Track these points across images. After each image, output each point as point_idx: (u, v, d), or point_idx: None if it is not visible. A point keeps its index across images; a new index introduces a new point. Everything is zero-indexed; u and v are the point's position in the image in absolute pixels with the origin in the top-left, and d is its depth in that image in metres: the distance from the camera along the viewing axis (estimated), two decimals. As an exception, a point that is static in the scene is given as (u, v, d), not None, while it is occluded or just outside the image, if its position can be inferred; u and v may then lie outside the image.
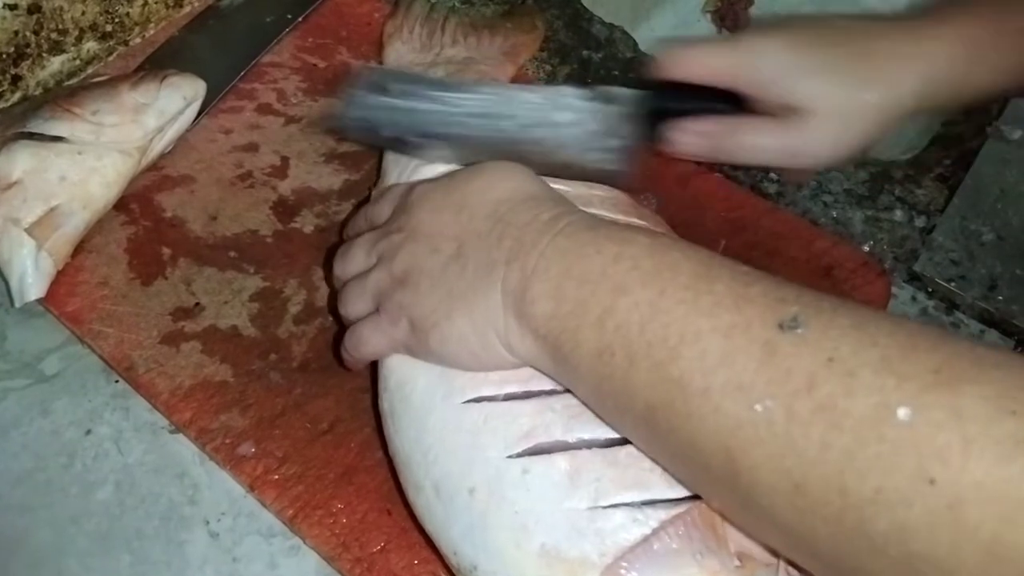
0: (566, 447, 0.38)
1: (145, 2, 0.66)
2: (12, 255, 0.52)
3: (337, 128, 0.49)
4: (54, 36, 0.62)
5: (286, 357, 0.52)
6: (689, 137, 0.48)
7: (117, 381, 0.52)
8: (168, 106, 0.58)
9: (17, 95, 0.62)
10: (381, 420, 0.46)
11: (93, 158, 0.55)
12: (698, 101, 0.48)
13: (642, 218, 0.48)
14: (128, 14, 0.66)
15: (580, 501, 0.37)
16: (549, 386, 0.40)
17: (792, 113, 0.46)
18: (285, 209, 0.59)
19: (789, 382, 0.30)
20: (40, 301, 0.53)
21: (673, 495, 0.36)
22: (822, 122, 0.46)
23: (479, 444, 0.39)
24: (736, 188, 0.61)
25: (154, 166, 0.60)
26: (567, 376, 0.38)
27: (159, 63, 0.64)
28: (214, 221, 0.58)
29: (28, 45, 0.61)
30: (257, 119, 0.63)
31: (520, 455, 0.39)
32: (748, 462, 0.30)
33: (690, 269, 0.35)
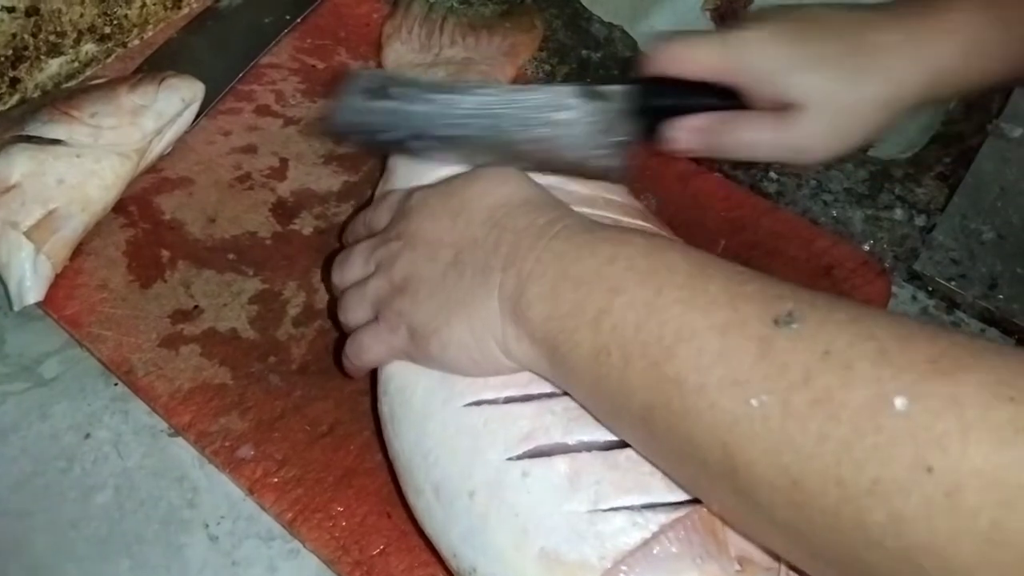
0: (566, 449, 0.38)
1: (143, 4, 0.66)
2: (10, 258, 0.52)
3: (333, 132, 0.49)
4: (52, 38, 0.62)
5: (285, 359, 0.52)
6: (684, 134, 0.48)
7: (116, 384, 0.52)
8: (166, 108, 0.58)
9: (15, 98, 0.62)
10: (381, 424, 0.46)
11: (91, 161, 0.55)
12: (693, 97, 0.48)
13: (643, 219, 0.48)
14: (126, 16, 0.66)
15: (580, 504, 0.37)
16: (548, 389, 0.40)
17: (787, 108, 0.45)
18: (284, 211, 0.59)
19: (785, 376, 0.30)
20: (39, 304, 0.53)
21: (673, 499, 0.36)
22: (818, 117, 0.45)
23: (479, 447, 0.39)
24: (735, 187, 0.61)
25: (152, 168, 0.60)
26: (564, 378, 0.38)
27: (157, 65, 0.64)
28: (213, 223, 0.58)
29: (26, 47, 0.61)
30: (256, 121, 0.63)
31: (520, 457, 0.38)
32: (745, 458, 0.30)
33: (685, 269, 0.35)
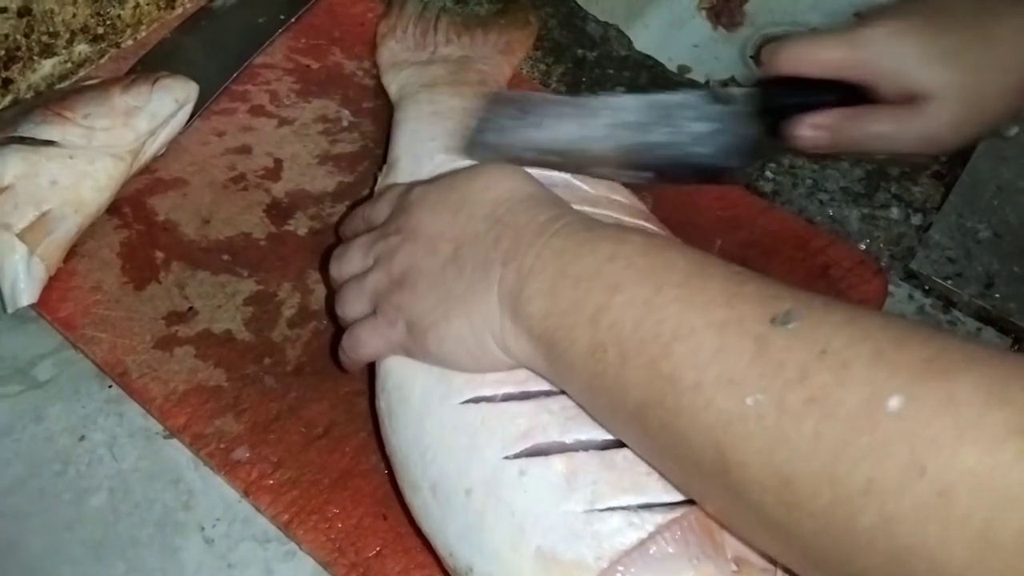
0: (563, 449, 0.38)
1: (137, 4, 0.66)
2: (4, 260, 0.52)
3: (478, 153, 0.50)
4: (45, 39, 0.62)
5: (280, 361, 0.52)
6: (811, 131, 0.48)
7: (111, 386, 0.51)
8: (160, 109, 0.58)
9: (8, 99, 0.61)
10: (378, 421, 0.45)
11: (85, 162, 0.54)
12: (814, 95, 0.48)
13: (647, 220, 0.48)
14: (119, 16, 0.65)
15: (577, 504, 0.37)
16: (546, 387, 0.40)
17: (914, 100, 0.46)
18: (279, 212, 0.59)
19: (781, 375, 0.30)
20: (32, 306, 0.53)
21: (670, 499, 0.36)
22: (947, 107, 0.45)
23: (476, 445, 0.39)
24: (731, 187, 0.61)
25: (146, 169, 0.59)
26: (561, 376, 0.38)
27: (151, 65, 0.64)
28: (207, 224, 0.57)
29: (19, 48, 0.61)
30: (250, 121, 0.63)
31: (517, 456, 0.38)
32: (738, 457, 0.30)
33: (684, 267, 0.35)
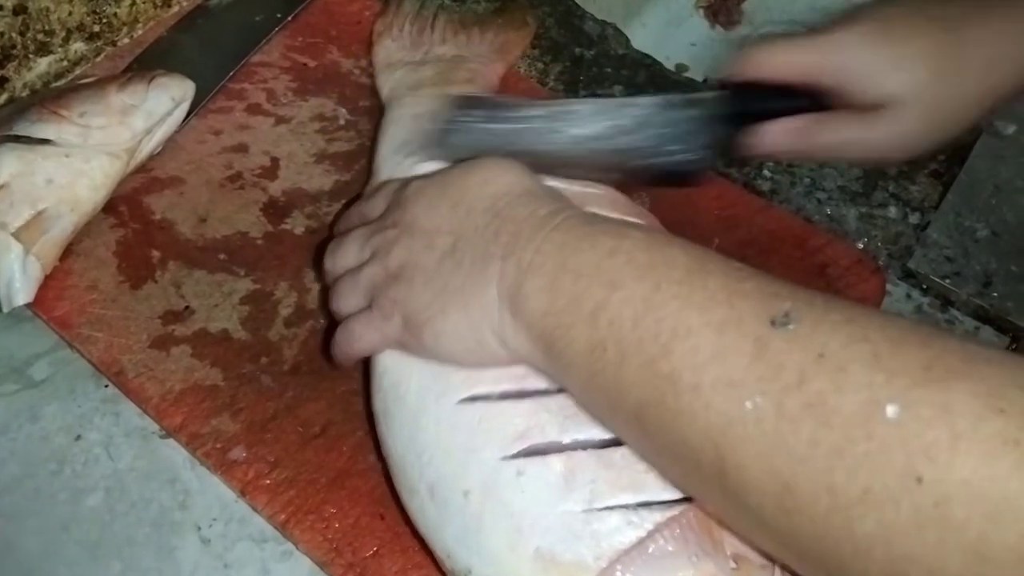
0: (561, 448, 0.38)
1: (133, 2, 0.66)
2: (-1, 260, 0.52)
3: (439, 154, 0.50)
4: (40, 37, 0.62)
5: (277, 360, 0.52)
6: (778, 136, 0.48)
7: (107, 386, 0.51)
8: (156, 107, 0.58)
9: (3, 97, 0.61)
10: (374, 421, 0.45)
11: (81, 161, 0.54)
12: (779, 100, 0.48)
13: (638, 216, 0.48)
14: (116, 14, 0.65)
15: (575, 503, 0.37)
16: (544, 385, 0.40)
17: (880, 107, 0.45)
18: (275, 210, 0.58)
19: (779, 378, 0.30)
20: (28, 306, 0.53)
21: (668, 497, 0.36)
22: (913, 114, 0.45)
23: (474, 445, 0.39)
24: (729, 186, 0.61)
25: (143, 168, 0.59)
26: (559, 373, 0.38)
27: (147, 64, 0.63)
28: (204, 223, 0.57)
29: (14, 46, 0.60)
30: (247, 119, 0.63)
31: (515, 456, 0.38)
32: (737, 460, 0.30)
33: (684, 264, 0.35)
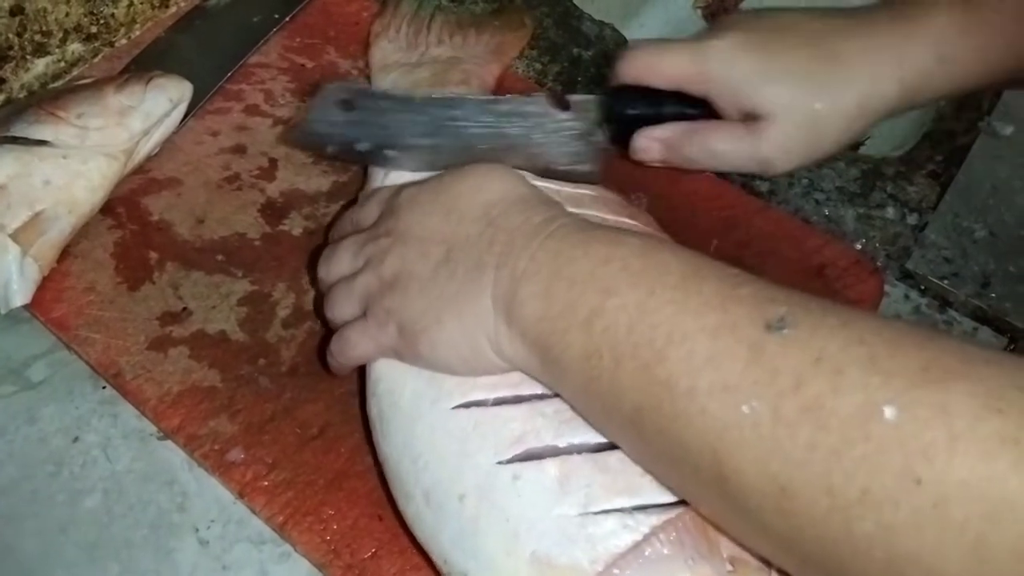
0: (556, 452, 0.38)
1: (130, 3, 0.66)
2: (-4, 261, 0.52)
3: (306, 143, 0.50)
4: (38, 38, 0.62)
5: (275, 361, 0.52)
6: (649, 143, 0.48)
7: (104, 387, 0.51)
8: (154, 108, 0.57)
9: (0, 98, 0.61)
10: (369, 426, 0.45)
11: (78, 162, 0.54)
12: (664, 105, 0.47)
13: (633, 217, 0.48)
14: (113, 15, 0.65)
15: (571, 507, 0.37)
16: (539, 390, 0.40)
17: (755, 118, 0.45)
18: (273, 212, 0.58)
19: (776, 382, 0.30)
20: (26, 307, 0.53)
21: (664, 500, 0.36)
22: (785, 128, 0.44)
23: (469, 450, 0.39)
24: (727, 187, 0.61)
25: (140, 169, 0.59)
26: (555, 379, 0.38)
27: (145, 64, 0.63)
28: (201, 224, 0.57)
29: (11, 47, 0.60)
30: (244, 120, 0.63)
31: (510, 461, 0.38)
32: (734, 465, 0.30)
33: (679, 270, 0.35)
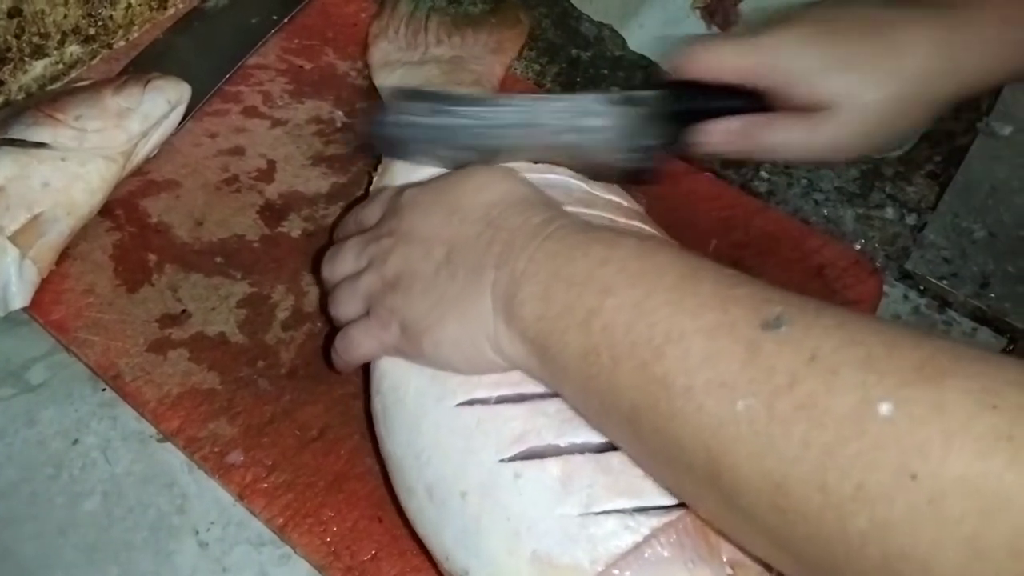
0: (558, 451, 0.38)
1: (128, 4, 0.66)
2: (-5, 263, 0.52)
3: (372, 146, 0.50)
4: (36, 40, 0.61)
5: (274, 364, 0.52)
6: (715, 137, 0.48)
7: (104, 390, 0.51)
8: (152, 110, 0.57)
9: (-1, 100, 0.61)
10: (373, 423, 0.45)
11: (76, 164, 0.54)
12: (721, 100, 0.48)
13: (643, 221, 0.48)
14: (111, 17, 0.65)
15: (572, 507, 0.37)
16: (541, 389, 0.40)
17: (818, 109, 0.45)
18: (272, 213, 0.58)
19: (771, 380, 0.30)
20: (25, 309, 0.53)
21: (665, 502, 0.36)
22: (850, 117, 0.45)
23: (472, 447, 0.39)
24: (726, 187, 0.61)
25: (139, 171, 0.59)
26: (555, 378, 0.38)
27: (143, 66, 0.63)
28: (200, 226, 0.57)
29: (9, 49, 0.60)
30: (243, 122, 0.63)
31: (512, 459, 0.38)
32: (729, 461, 0.30)
33: (676, 271, 0.35)
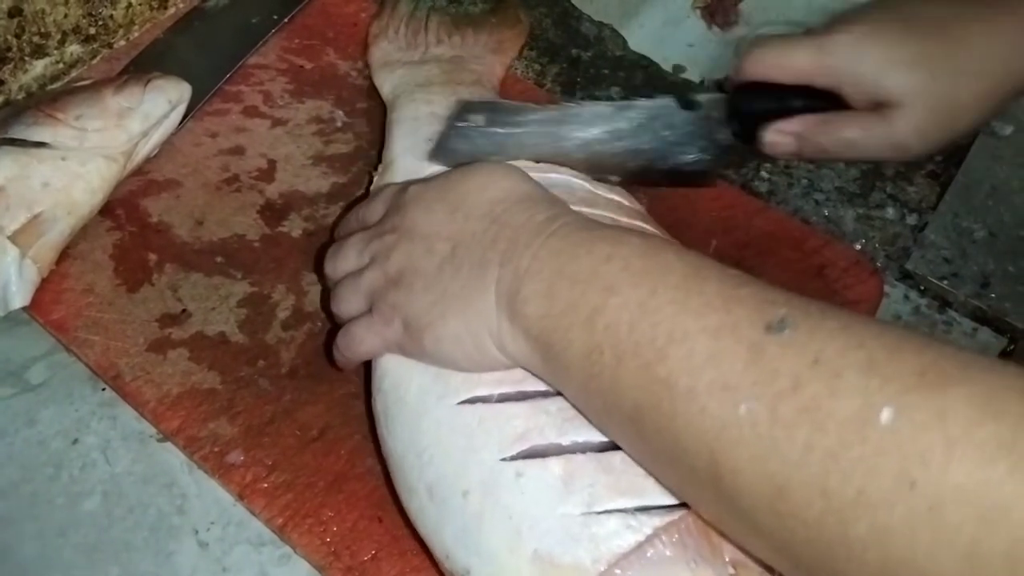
0: (560, 450, 0.38)
1: (129, 4, 0.66)
2: (-5, 263, 0.52)
3: (446, 159, 0.51)
4: (36, 39, 0.61)
5: (275, 363, 0.51)
6: (781, 137, 0.48)
7: (104, 389, 0.51)
8: (153, 110, 0.57)
9: (-1, 100, 0.61)
10: (374, 421, 0.45)
11: (77, 164, 0.54)
12: (788, 100, 0.48)
13: (644, 221, 0.48)
14: (112, 16, 0.65)
15: (574, 506, 0.36)
16: (543, 387, 0.40)
17: (885, 106, 0.45)
18: (272, 213, 0.58)
19: (774, 383, 0.30)
20: (25, 309, 0.52)
21: (667, 502, 0.36)
22: (917, 114, 0.45)
23: (473, 446, 0.39)
24: (727, 187, 0.61)
25: (139, 171, 0.59)
26: (557, 377, 0.38)
27: (143, 66, 0.63)
28: (200, 226, 0.57)
29: (10, 49, 0.60)
30: (243, 122, 0.63)
31: (514, 458, 0.38)
32: (731, 464, 0.30)
33: (681, 270, 0.35)
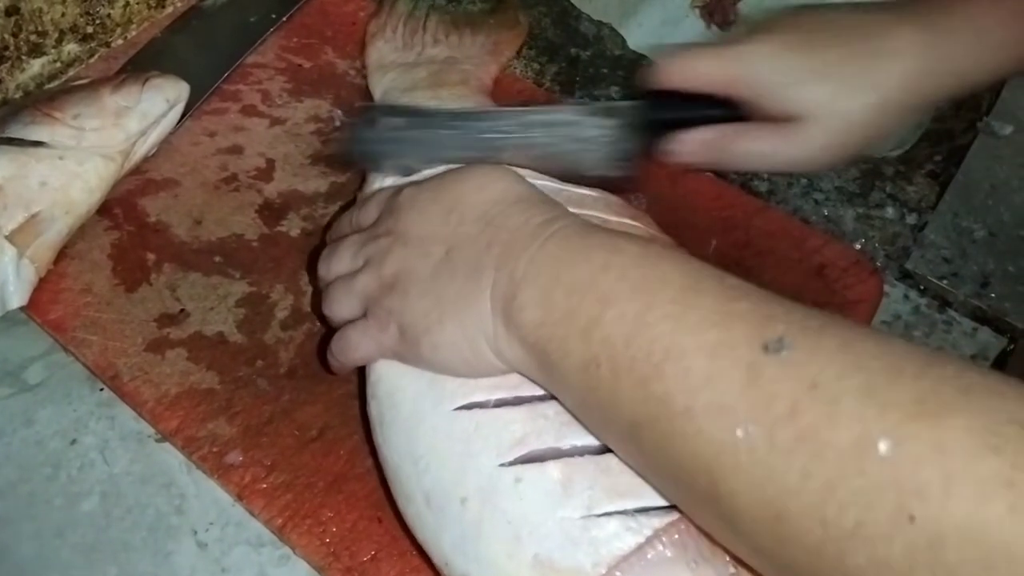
0: (559, 454, 0.38)
1: (127, 3, 0.65)
2: (-7, 263, 0.51)
3: (353, 162, 0.51)
4: (33, 38, 0.61)
5: (273, 363, 0.51)
6: (688, 147, 0.48)
7: (102, 389, 0.51)
8: (151, 109, 0.57)
9: (-4, 99, 0.61)
10: (370, 428, 0.45)
11: (74, 163, 0.54)
12: (697, 109, 0.48)
13: (634, 218, 0.47)
14: (109, 15, 0.65)
15: (573, 510, 0.36)
16: (539, 392, 0.40)
17: (791, 119, 0.45)
18: (271, 212, 0.58)
19: (772, 408, 0.29)
20: (22, 309, 0.52)
21: (667, 503, 0.36)
22: (823, 127, 0.45)
23: (471, 452, 0.39)
24: (727, 187, 0.61)
25: (137, 170, 0.59)
26: (554, 385, 0.38)
27: (141, 65, 0.63)
28: (199, 225, 0.57)
29: (7, 47, 0.60)
30: (242, 121, 0.63)
31: (512, 463, 0.38)
32: (729, 487, 0.30)
33: (678, 282, 0.34)
